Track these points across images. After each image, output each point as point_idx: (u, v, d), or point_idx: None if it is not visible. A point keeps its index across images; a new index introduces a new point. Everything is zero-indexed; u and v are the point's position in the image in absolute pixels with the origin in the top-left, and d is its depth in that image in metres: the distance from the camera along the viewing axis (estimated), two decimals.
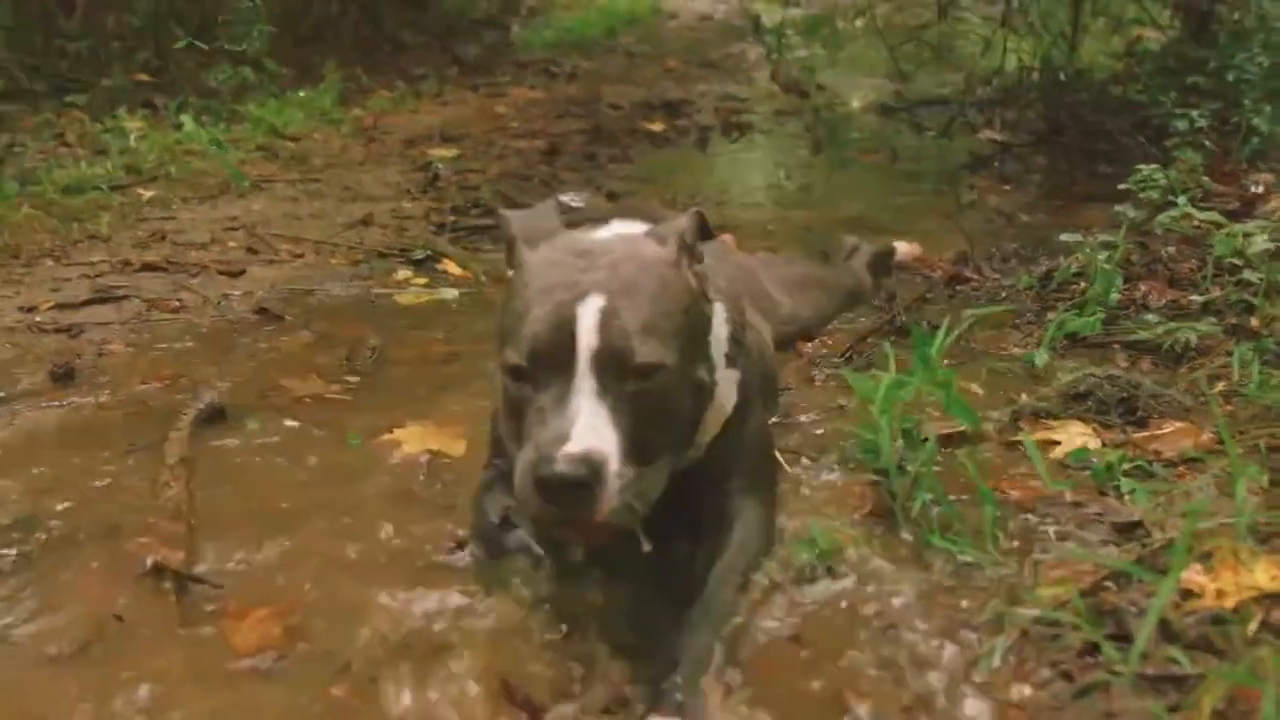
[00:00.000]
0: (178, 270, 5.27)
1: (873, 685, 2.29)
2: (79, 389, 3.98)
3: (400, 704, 2.22)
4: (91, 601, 2.64)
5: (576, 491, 2.21)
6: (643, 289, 2.42)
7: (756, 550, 2.71)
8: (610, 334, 2.33)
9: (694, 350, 2.52)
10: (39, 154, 7.17)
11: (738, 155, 8.21)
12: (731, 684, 2.32)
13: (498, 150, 8.01)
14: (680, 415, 2.50)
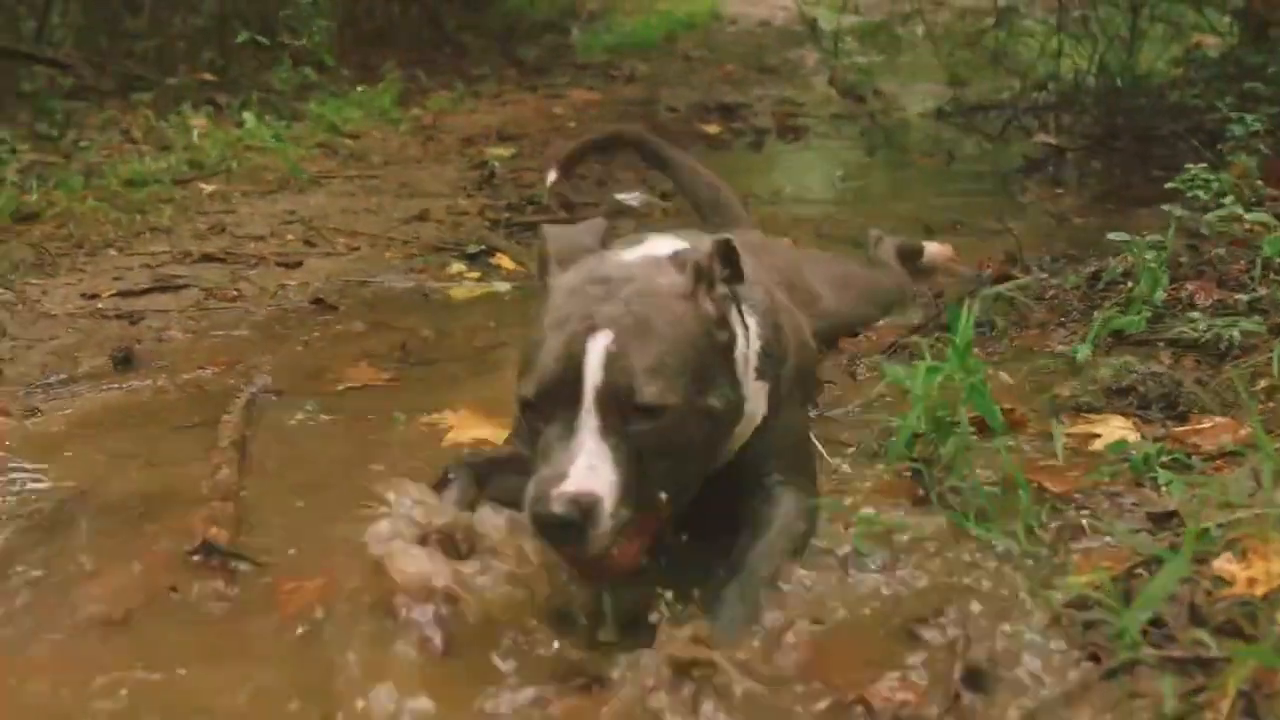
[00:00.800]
0: (236, 261, 5.38)
1: (900, 667, 2.33)
2: (138, 373, 4.10)
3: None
4: (141, 572, 2.72)
5: (568, 531, 2.27)
6: (653, 325, 2.44)
7: (795, 534, 2.75)
8: (615, 373, 2.36)
9: (706, 381, 2.52)
10: (104, 149, 7.32)
11: (792, 157, 8.25)
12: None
13: (554, 150, 8.08)
14: (691, 448, 2.50)
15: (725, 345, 2.62)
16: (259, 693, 2.27)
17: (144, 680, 2.32)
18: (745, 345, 2.75)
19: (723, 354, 2.61)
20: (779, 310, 3.04)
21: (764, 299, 2.93)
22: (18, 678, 2.36)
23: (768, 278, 3.29)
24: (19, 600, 2.64)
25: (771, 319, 2.92)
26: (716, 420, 2.56)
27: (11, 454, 3.45)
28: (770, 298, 3.02)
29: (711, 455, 2.63)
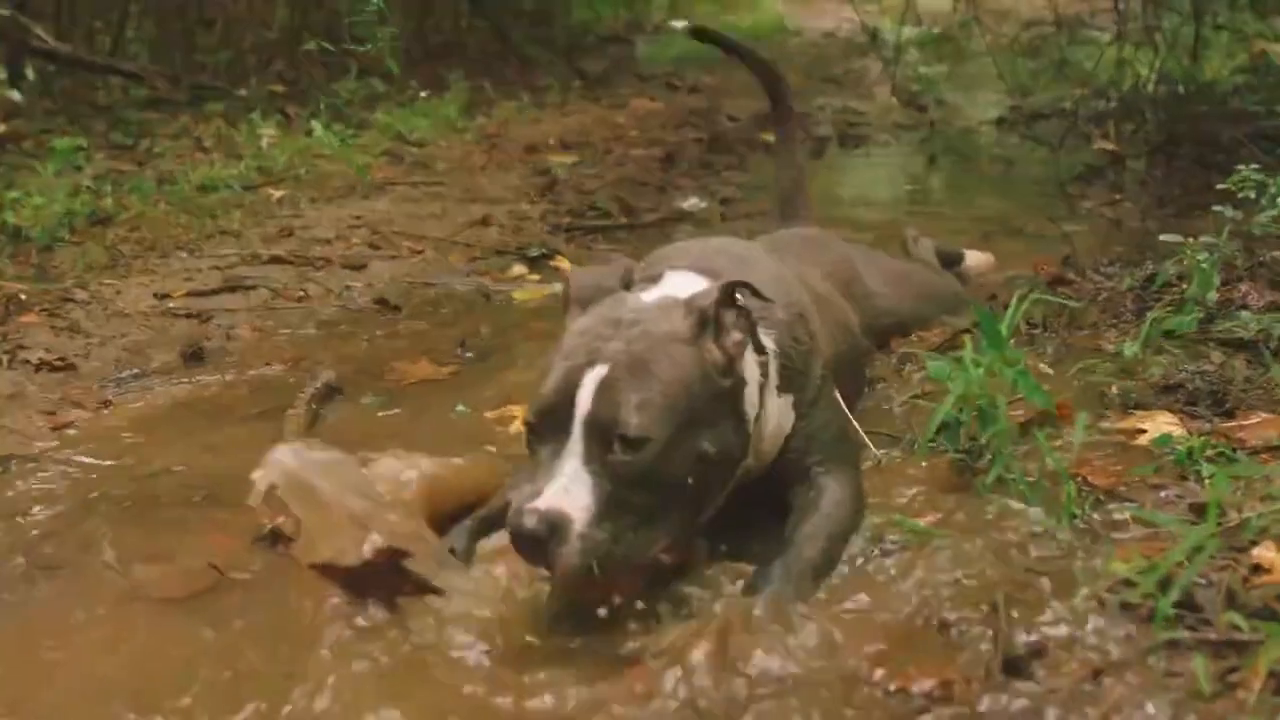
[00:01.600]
0: (303, 263, 5.51)
1: (942, 644, 2.40)
2: (207, 368, 4.23)
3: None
4: (207, 555, 2.82)
5: (538, 546, 2.38)
6: (649, 364, 2.54)
7: (842, 518, 2.84)
8: (604, 404, 2.47)
9: (699, 424, 2.57)
10: (177, 157, 7.48)
11: (853, 164, 8.31)
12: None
13: (616, 157, 8.18)
14: (677, 484, 2.54)
15: (729, 390, 2.68)
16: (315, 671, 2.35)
17: (206, 657, 2.42)
18: (761, 375, 2.81)
19: (726, 398, 2.67)
20: (803, 313, 3.10)
21: (785, 310, 2.99)
22: (90, 653, 2.47)
23: (813, 271, 3.39)
24: (88, 580, 2.75)
25: (792, 331, 2.99)
26: (710, 462, 2.60)
27: (85, 444, 3.58)
28: (794, 298, 3.09)
29: (708, 493, 2.66)
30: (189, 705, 2.28)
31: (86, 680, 2.38)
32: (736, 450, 2.72)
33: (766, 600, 2.53)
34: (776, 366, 2.89)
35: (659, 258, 3.21)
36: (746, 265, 3.06)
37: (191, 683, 2.33)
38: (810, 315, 3.13)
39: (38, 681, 2.39)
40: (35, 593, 2.72)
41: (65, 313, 4.71)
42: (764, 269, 3.11)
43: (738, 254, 3.19)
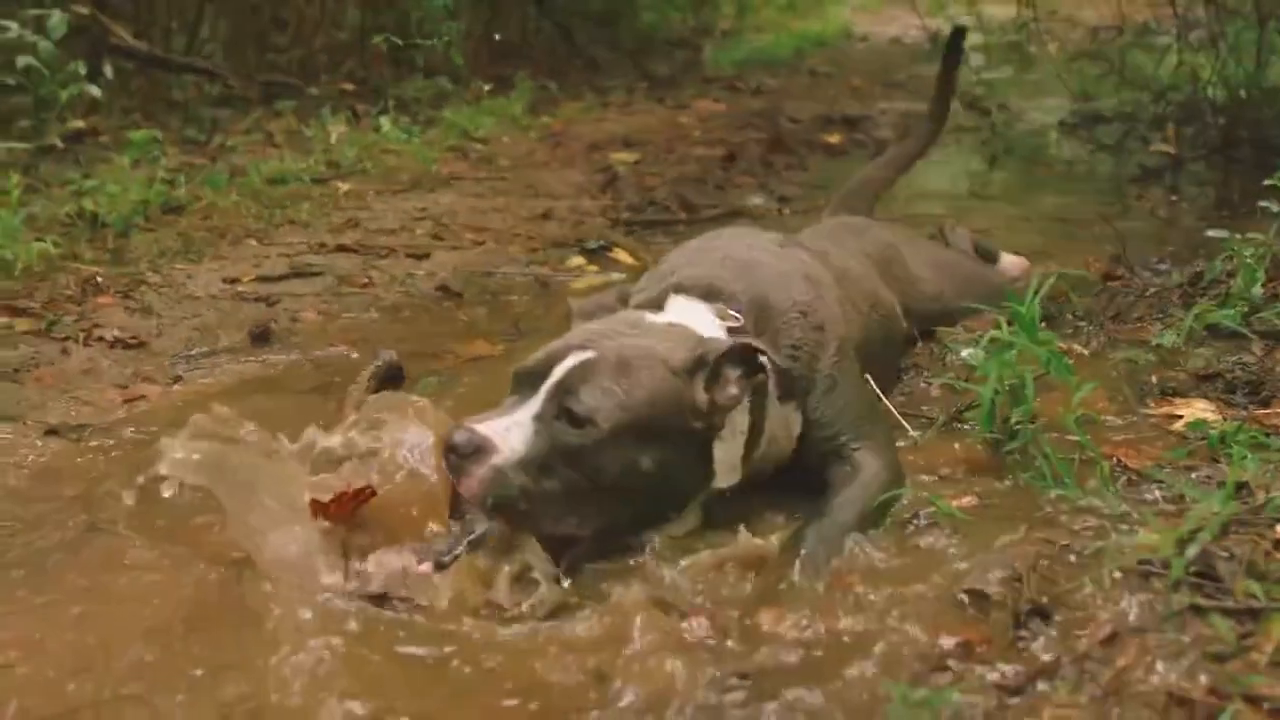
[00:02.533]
0: (368, 252, 5.66)
1: (967, 609, 2.49)
2: (273, 349, 4.39)
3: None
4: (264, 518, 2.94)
5: (458, 459, 2.58)
6: (631, 369, 2.71)
7: (877, 487, 2.96)
8: (572, 378, 2.66)
9: (649, 441, 2.69)
10: (248, 152, 7.66)
11: None
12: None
13: (677, 156, 8.29)
14: (605, 479, 2.65)
15: (698, 431, 2.79)
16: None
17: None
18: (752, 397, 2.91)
19: (690, 437, 2.78)
20: (805, 310, 3.18)
21: (783, 317, 3.12)
22: (136, 607, 2.60)
23: (845, 251, 3.56)
24: (145, 540, 2.89)
25: (791, 338, 3.10)
26: (644, 478, 2.70)
27: (154, 416, 3.74)
28: (796, 298, 3.19)
29: (642, 506, 2.75)
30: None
31: (132, 631, 2.50)
32: (683, 483, 2.81)
33: (802, 562, 2.65)
34: (775, 381, 3.00)
35: (664, 272, 3.35)
36: (750, 273, 3.18)
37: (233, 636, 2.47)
38: (815, 308, 3.21)
39: (86, 633, 2.51)
40: (92, 551, 2.86)
41: (139, 295, 4.89)
42: (768, 273, 3.22)
43: (743, 261, 3.27)
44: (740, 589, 2.61)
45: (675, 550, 2.73)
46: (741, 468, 2.93)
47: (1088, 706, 2.13)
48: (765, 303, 3.10)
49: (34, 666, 2.37)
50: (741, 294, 3.08)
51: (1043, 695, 2.20)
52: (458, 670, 2.34)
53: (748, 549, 2.70)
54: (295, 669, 2.28)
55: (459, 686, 2.30)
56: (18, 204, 5.37)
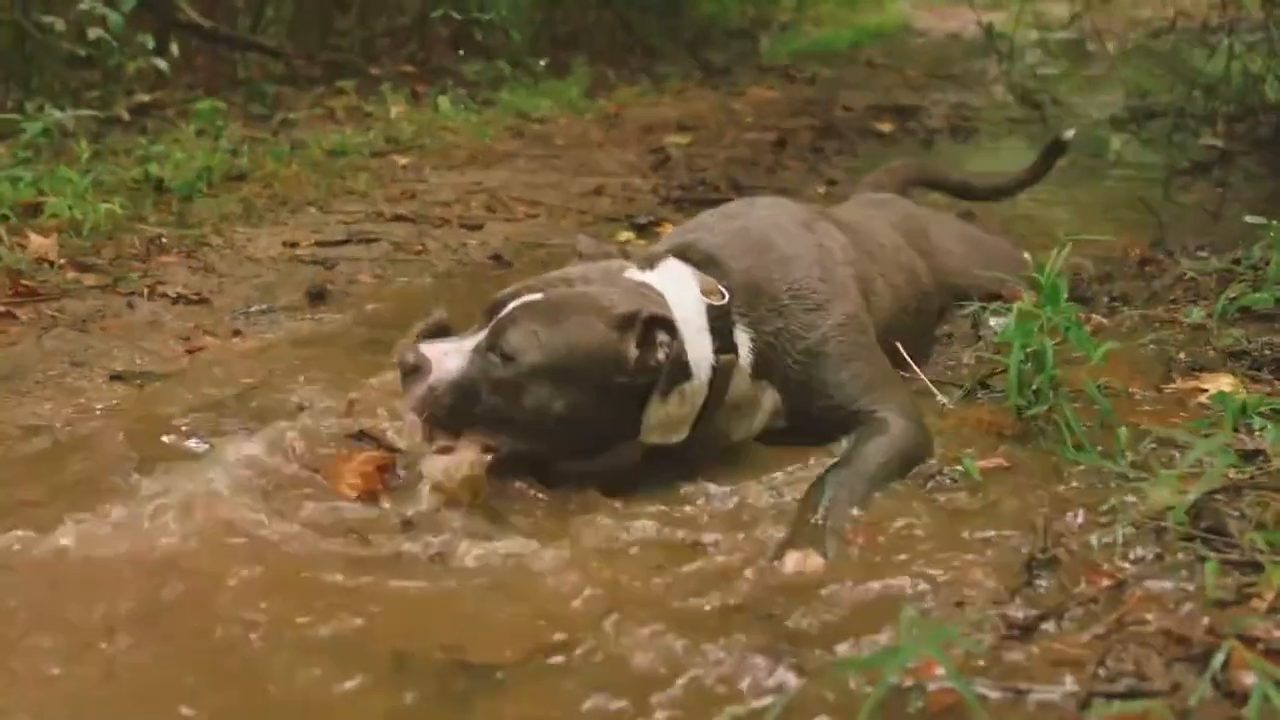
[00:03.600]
0: (424, 222, 5.83)
1: (992, 557, 2.62)
2: (329, 308, 4.55)
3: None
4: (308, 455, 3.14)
5: (404, 375, 2.90)
6: (564, 313, 2.91)
7: (900, 438, 3.13)
8: (509, 318, 2.90)
9: (568, 384, 2.87)
10: (309, 126, 7.85)
11: (960, 154, 8.45)
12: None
13: (729, 140, 8.41)
14: (524, 413, 2.88)
15: (623, 385, 2.92)
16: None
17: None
18: (708, 370, 3.06)
19: (616, 389, 2.92)
20: (800, 293, 3.28)
21: (773, 301, 3.23)
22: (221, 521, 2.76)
23: (875, 223, 3.70)
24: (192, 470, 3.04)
25: (778, 323, 3.22)
26: (557, 416, 2.88)
27: (214, 364, 3.91)
28: (795, 278, 3.29)
29: (562, 441, 2.95)
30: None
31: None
32: (602, 430, 2.98)
33: (823, 510, 2.79)
34: (751, 359, 3.16)
35: (683, 230, 3.56)
36: (755, 252, 3.30)
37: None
38: (815, 290, 3.31)
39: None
40: (146, 480, 3.00)
41: (201, 255, 5.07)
42: (773, 255, 3.32)
43: (755, 238, 3.38)
44: (763, 531, 2.76)
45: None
46: (689, 430, 3.08)
47: (1090, 644, 2.23)
48: (758, 286, 3.22)
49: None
50: (738, 272, 3.22)
51: (1048, 633, 2.31)
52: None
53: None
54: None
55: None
56: (86, 168, 5.56)
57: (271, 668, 2.25)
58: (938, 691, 2.12)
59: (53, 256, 4.76)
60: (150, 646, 2.31)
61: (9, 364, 3.85)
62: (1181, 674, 2.10)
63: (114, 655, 2.28)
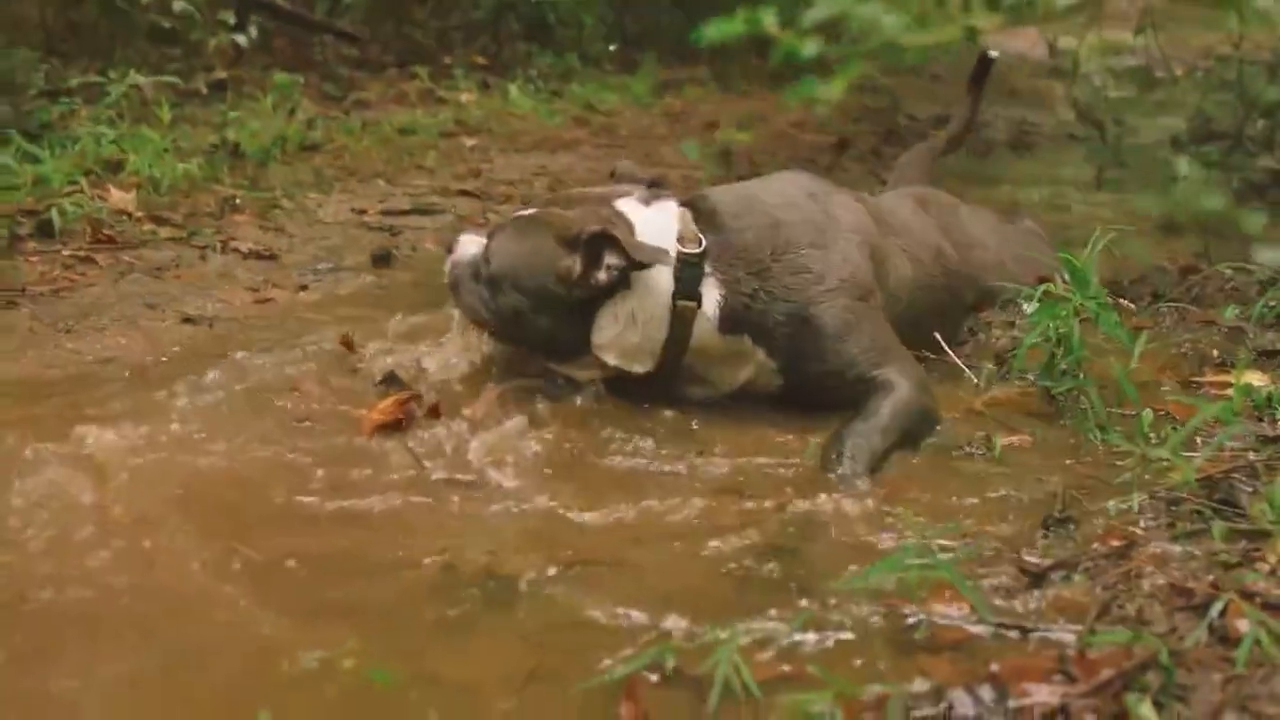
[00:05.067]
0: (488, 198, 6.01)
1: (1010, 518, 2.76)
2: (392, 270, 4.73)
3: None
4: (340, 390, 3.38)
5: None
6: (530, 230, 3.35)
7: (907, 395, 3.30)
8: (502, 225, 3.49)
9: (518, 291, 3.31)
10: (381, 107, 8.05)
11: (1016, 165, 8.53)
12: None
13: (790, 140, 8.52)
14: (496, 307, 3.37)
15: (563, 296, 3.26)
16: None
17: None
18: (661, 308, 3.29)
19: (558, 299, 3.27)
20: (799, 269, 3.41)
21: (757, 267, 3.36)
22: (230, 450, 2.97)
23: (903, 208, 3.88)
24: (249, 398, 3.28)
25: (751, 285, 3.35)
26: (516, 315, 3.34)
27: (280, 313, 4.09)
28: (795, 256, 3.41)
29: (522, 334, 3.40)
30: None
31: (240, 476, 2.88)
32: (558, 337, 3.34)
33: (842, 458, 2.98)
34: (718, 313, 3.32)
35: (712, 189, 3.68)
36: (746, 216, 3.44)
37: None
38: (807, 257, 3.42)
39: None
40: (209, 400, 3.25)
41: (272, 217, 5.26)
42: (763, 220, 3.44)
43: (759, 202, 3.52)
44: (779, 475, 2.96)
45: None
46: (653, 364, 3.34)
47: (1097, 594, 2.36)
48: (744, 247, 3.36)
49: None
50: (730, 231, 3.37)
51: (1058, 582, 2.44)
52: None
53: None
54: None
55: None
56: (166, 130, 5.77)
57: (327, 577, 2.44)
58: (945, 627, 2.26)
59: (131, 209, 4.97)
60: (198, 544, 2.52)
61: (87, 302, 4.06)
62: (1181, 621, 2.22)
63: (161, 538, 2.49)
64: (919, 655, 2.17)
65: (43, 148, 5.22)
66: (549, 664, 2.14)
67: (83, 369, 3.51)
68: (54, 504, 2.61)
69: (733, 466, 3.04)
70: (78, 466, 2.76)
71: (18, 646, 2.14)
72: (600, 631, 2.26)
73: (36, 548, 2.46)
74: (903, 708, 1.96)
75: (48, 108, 5.98)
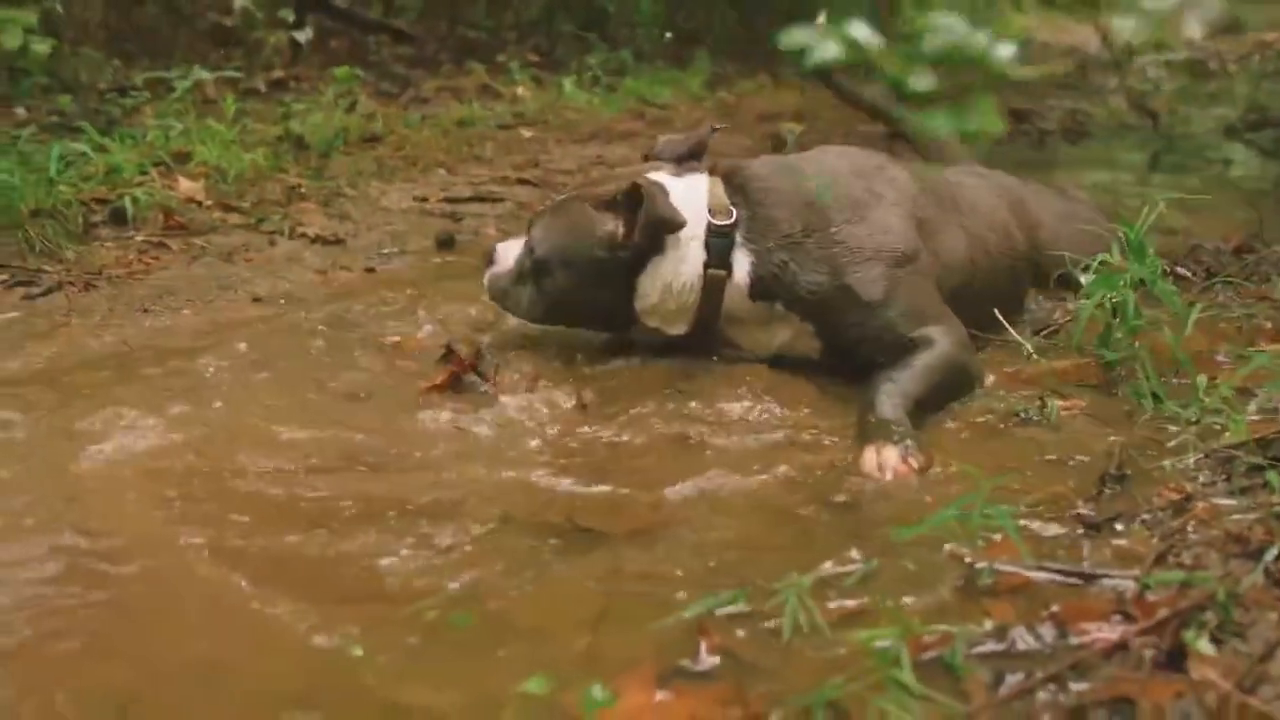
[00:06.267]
0: (546, 186, 6.11)
1: (1067, 476, 2.83)
2: (455, 253, 4.84)
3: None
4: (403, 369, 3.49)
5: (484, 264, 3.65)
6: (567, 209, 3.48)
7: (948, 347, 3.37)
8: (539, 213, 3.60)
9: (568, 265, 3.43)
10: (438, 102, 8.17)
11: (1070, 152, 8.56)
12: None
13: (844, 130, 8.55)
14: (548, 296, 3.49)
15: (614, 260, 3.37)
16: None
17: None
18: (693, 275, 3.38)
19: (609, 264, 3.38)
20: (835, 243, 3.43)
21: (788, 240, 3.40)
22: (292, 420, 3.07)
23: (968, 186, 4.00)
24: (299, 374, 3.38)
25: (779, 256, 3.39)
26: (568, 293, 3.45)
27: (347, 292, 4.20)
28: (823, 228, 3.43)
29: (570, 315, 3.55)
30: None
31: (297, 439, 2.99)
32: (607, 305, 3.45)
33: (880, 410, 3.09)
34: (748, 281, 3.40)
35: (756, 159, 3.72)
36: (780, 190, 3.46)
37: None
38: (840, 231, 3.44)
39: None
40: (257, 375, 3.36)
41: (337, 205, 5.38)
42: (803, 193, 3.47)
43: (797, 176, 3.54)
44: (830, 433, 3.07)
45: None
46: (688, 327, 3.46)
47: (1154, 544, 2.42)
48: (773, 219, 3.40)
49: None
50: (763, 205, 3.42)
51: (1117, 532, 2.50)
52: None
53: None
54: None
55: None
56: (231, 123, 5.90)
57: (402, 525, 2.54)
58: (1006, 574, 2.32)
59: (200, 198, 5.10)
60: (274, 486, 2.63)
61: (162, 285, 4.18)
62: (1236, 566, 2.28)
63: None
64: (981, 599, 2.24)
65: (113, 140, 5.35)
66: (620, 608, 2.22)
67: (160, 344, 3.62)
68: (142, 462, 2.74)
69: (782, 425, 3.12)
70: (159, 432, 2.89)
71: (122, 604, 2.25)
72: (665, 581, 2.33)
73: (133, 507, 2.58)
74: (966, 644, 2.03)
75: (116, 102, 6.12)
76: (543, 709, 1.91)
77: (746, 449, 2.97)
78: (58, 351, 3.51)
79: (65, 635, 2.09)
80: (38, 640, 2.06)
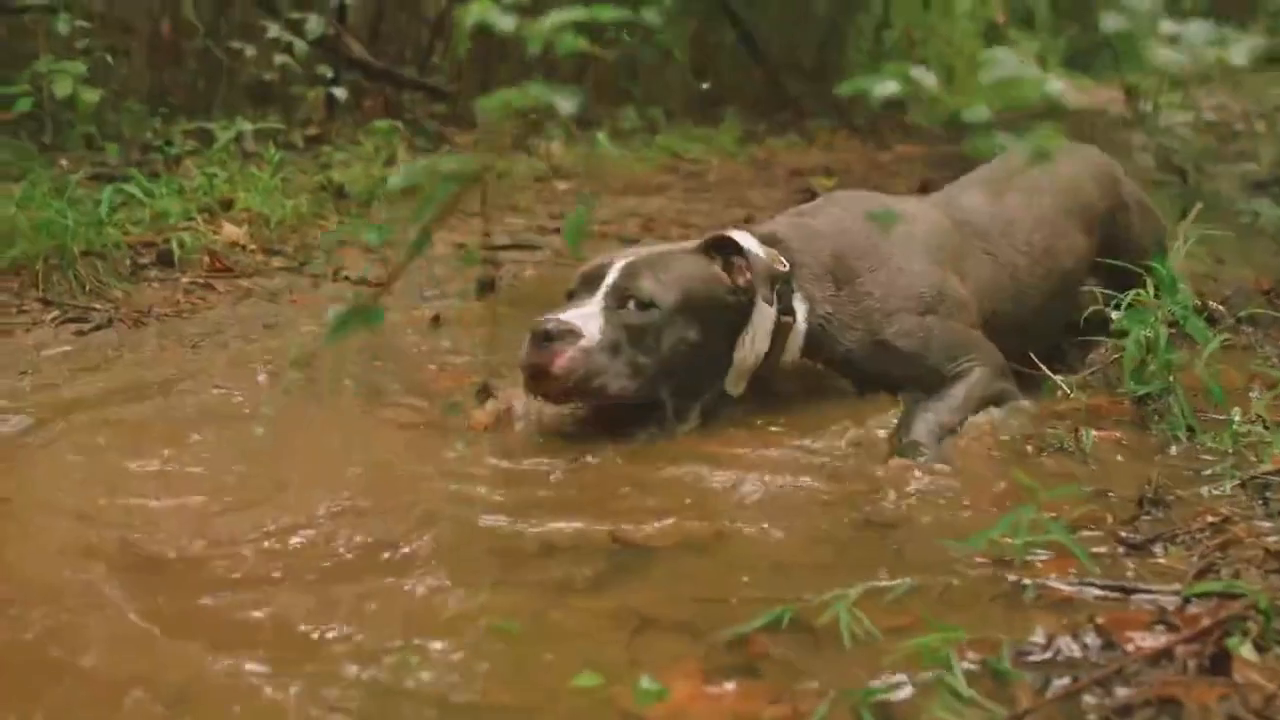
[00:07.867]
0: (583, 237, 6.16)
1: (1105, 502, 2.86)
2: (496, 296, 4.87)
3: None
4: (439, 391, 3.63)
5: (546, 343, 3.08)
6: (666, 261, 3.28)
7: (983, 377, 3.45)
8: (627, 272, 3.22)
9: (693, 311, 3.23)
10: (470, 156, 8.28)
11: None
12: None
13: (874, 184, 8.64)
14: (663, 352, 3.19)
15: (732, 304, 3.29)
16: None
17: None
18: (771, 321, 3.38)
19: (727, 309, 3.29)
20: (862, 283, 3.49)
21: (832, 292, 3.46)
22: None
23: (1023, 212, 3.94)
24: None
25: (822, 310, 3.45)
26: (693, 348, 3.23)
27: (396, 329, 4.29)
28: (859, 281, 3.49)
29: (687, 375, 3.26)
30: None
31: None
32: (720, 356, 3.34)
33: (911, 429, 3.19)
34: (804, 335, 3.44)
35: (793, 211, 3.85)
36: (813, 243, 3.51)
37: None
38: (864, 284, 3.49)
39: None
40: (291, 402, 3.47)
41: (377, 250, 5.45)
42: (826, 246, 3.51)
43: (823, 235, 3.56)
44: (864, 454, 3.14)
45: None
46: (744, 385, 3.43)
47: (1195, 561, 2.45)
48: (803, 274, 3.45)
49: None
50: (794, 260, 3.45)
51: (1157, 552, 2.54)
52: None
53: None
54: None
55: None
56: (273, 172, 6.02)
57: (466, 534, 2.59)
58: (1050, 588, 2.35)
59: (244, 242, 5.20)
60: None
61: (210, 323, 4.27)
62: (1277, 581, 2.31)
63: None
64: (1028, 611, 2.27)
65: (158, 187, 5.46)
66: (665, 619, 2.26)
67: (208, 375, 3.69)
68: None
69: (815, 447, 3.17)
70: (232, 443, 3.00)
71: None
72: (708, 604, 2.34)
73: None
74: (1013, 651, 2.07)
75: (159, 149, 6.25)
76: (594, 704, 1.95)
77: (780, 469, 3.01)
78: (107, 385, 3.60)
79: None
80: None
